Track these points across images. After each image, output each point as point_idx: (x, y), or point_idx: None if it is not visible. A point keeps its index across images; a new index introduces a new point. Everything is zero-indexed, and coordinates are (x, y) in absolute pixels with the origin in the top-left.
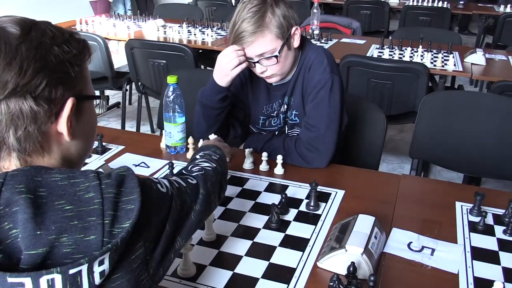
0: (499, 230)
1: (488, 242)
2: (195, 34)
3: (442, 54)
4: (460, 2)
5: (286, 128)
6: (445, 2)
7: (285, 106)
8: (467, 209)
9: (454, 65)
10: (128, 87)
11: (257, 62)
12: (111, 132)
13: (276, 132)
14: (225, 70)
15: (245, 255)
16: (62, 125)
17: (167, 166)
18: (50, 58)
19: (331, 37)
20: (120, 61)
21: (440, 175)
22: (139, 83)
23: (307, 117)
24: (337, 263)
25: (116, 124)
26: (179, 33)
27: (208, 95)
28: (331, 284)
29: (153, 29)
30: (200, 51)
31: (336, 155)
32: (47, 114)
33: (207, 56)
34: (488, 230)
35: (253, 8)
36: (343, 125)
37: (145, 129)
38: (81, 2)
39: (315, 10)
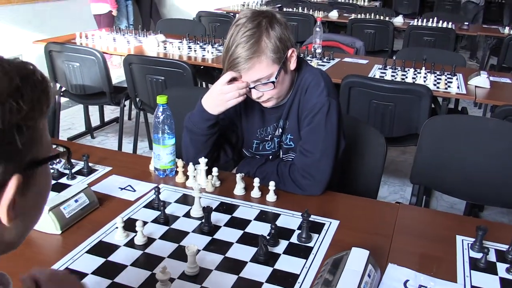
0: (501, 268)
1: (490, 282)
2: (195, 50)
3: (446, 75)
4: (465, 24)
5: (281, 153)
6: (450, 23)
7: (280, 130)
8: (468, 244)
9: (458, 87)
10: (127, 103)
11: (253, 88)
12: (99, 152)
13: (270, 157)
14: (220, 101)
15: None
16: (0, 211)
17: (154, 191)
18: None
19: (333, 56)
20: (122, 75)
21: (442, 199)
22: (137, 99)
23: (303, 141)
24: None
25: (114, 140)
26: (179, 49)
27: (196, 122)
28: None
29: (153, 45)
30: (202, 67)
31: (333, 180)
32: None
33: (208, 73)
34: (490, 268)
35: (248, 32)
36: (340, 150)
37: (143, 145)
38: (85, 16)
39: (317, 29)
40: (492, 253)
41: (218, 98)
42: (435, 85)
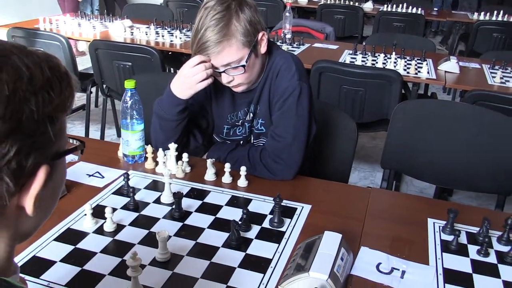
0: (473, 250)
1: (461, 264)
2: (163, 36)
3: (416, 61)
4: (434, 9)
5: (252, 138)
6: (420, 9)
7: (251, 115)
8: (439, 226)
9: (428, 72)
10: (93, 90)
11: (223, 72)
12: None
13: (241, 142)
14: (189, 84)
15: (201, 277)
16: (27, 201)
17: (123, 177)
18: (26, 114)
19: (304, 41)
20: (88, 62)
21: (412, 185)
22: (104, 86)
23: (274, 126)
24: (300, 287)
25: (81, 127)
26: (146, 34)
27: (165, 107)
28: None
29: (119, 30)
30: (170, 53)
31: (304, 165)
32: (10, 191)
33: (176, 59)
34: (462, 250)
35: (217, 15)
36: (311, 135)
37: (111, 133)
38: (49, 1)
39: (287, 14)
40: (463, 235)
41: (186, 82)
42: (405, 70)
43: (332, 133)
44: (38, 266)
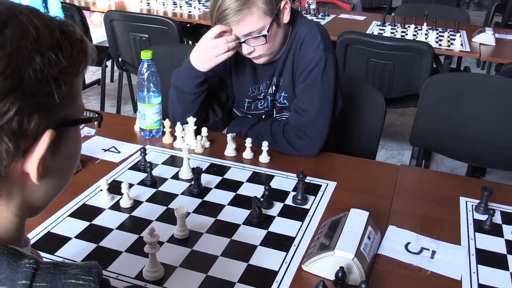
0: (507, 230)
1: (495, 244)
2: (181, 7)
3: (449, 32)
4: None
5: (274, 112)
6: None
7: (274, 88)
8: (472, 205)
9: (461, 45)
10: (109, 63)
11: (243, 42)
12: None
13: (263, 116)
14: (209, 56)
15: (221, 255)
16: (31, 166)
17: (139, 152)
18: (28, 73)
19: (329, 12)
20: (103, 35)
21: (443, 164)
22: (120, 59)
23: (297, 99)
24: (324, 267)
25: (96, 103)
26: (163, 5)
27: (183, 79)
28: None
29: (135, 0)
30: (188, 25)
31: (329, 142)
32: (12, 153)
33: (194, 31)
34: (496, 230)
35: None
36: (337, 109)
37: (127, 109)
38: None
39: None
40: (497, 215)
41: (206, 54)
42: (437, 42)
43: (359, 108)
44: (53, 242)
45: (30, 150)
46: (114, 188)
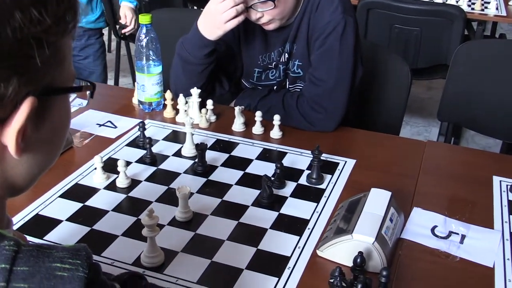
0: None
1: None
2: None
3: None
4: None
5: (287, 83)
6: None
7: (286, 56)
8: (507, 185)
9: (497, 8)
10: (105, 31)
11: (250, 7)
12: None
13: (275, 87)
14: (217, 22)
15: (227, 239)
16: (9, 137)
17: (138, 127)
18: (5, 32)
19: None
20: None
21: (474, 142)
22: (117, 26)
23: (313, 68)
24: (341, 252)
25: None
26: None
27: (190, 49)
28: (332, 280)
29: None
30: None
31: (347, 116)
32: None
33: None
34: None
35: None
36: (357, 79)
37: (127, 81)
38: None
39: None
40: None
41: (215, 19)
42: (469, 6)
43: (381, 78)
44: (42, 225)
45: (8, 120)
46: (110, 166)
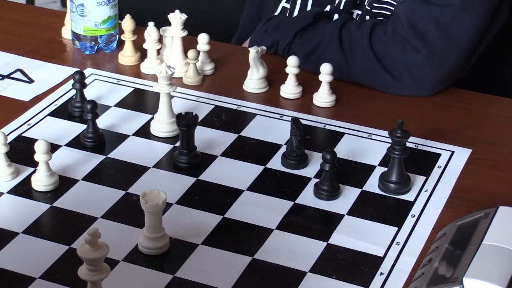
0: None
1: None
2: None
3: None
4: None
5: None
6: None
7: None
8: None
9: None
10: None
11: None
12: None
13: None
14: None
15: None
16: None
17: (71, 82)
18: None
19: None
20: None
21: None
22: None
23: None
24: None
25: None
26: None
27: None
28: None
29: None
30: None
31: (463, 72)
32: None
33: None
34: None
35: None
36: (499, 22)
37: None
38: None
39: None
40: None
41: None
42: None
43: None
44: None
45: None
46: (21, 152)
